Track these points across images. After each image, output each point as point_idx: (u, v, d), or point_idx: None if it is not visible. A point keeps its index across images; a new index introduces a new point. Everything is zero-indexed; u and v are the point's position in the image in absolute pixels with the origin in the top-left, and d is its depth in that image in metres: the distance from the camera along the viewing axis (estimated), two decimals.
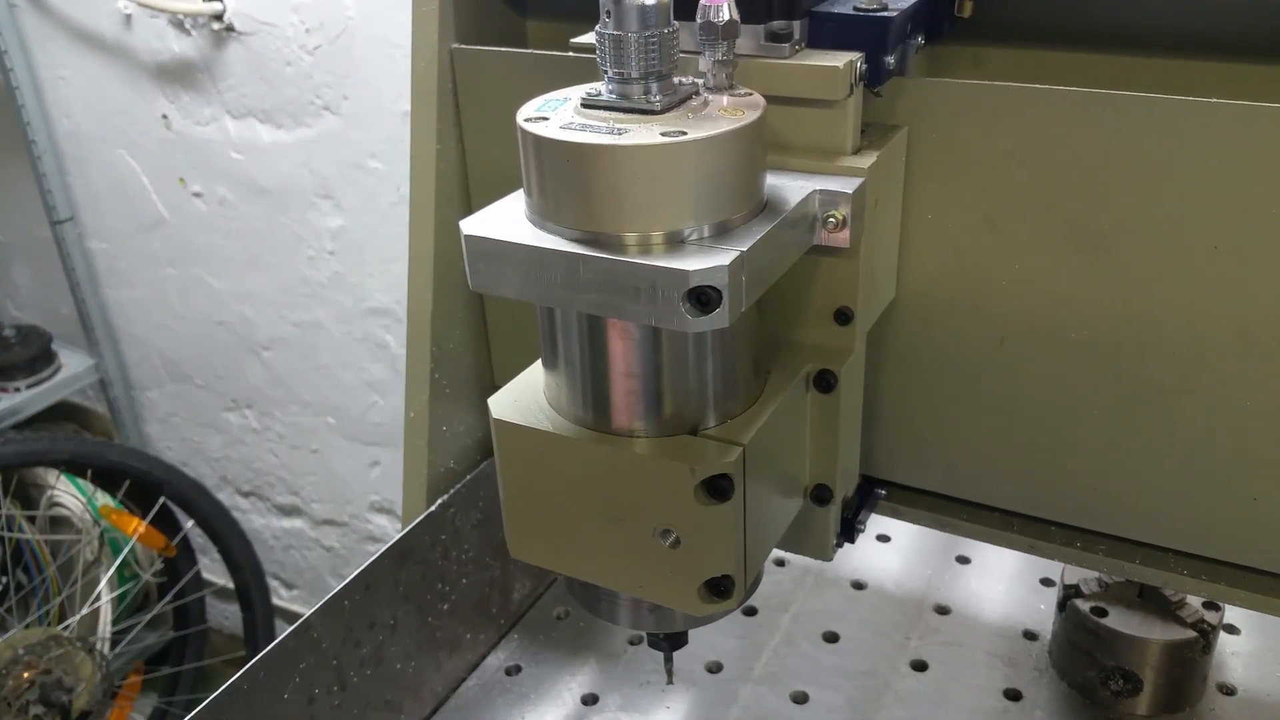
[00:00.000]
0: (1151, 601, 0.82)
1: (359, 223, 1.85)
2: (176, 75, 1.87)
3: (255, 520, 2.39)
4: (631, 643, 0.91)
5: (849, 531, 0.67)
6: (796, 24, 0.54)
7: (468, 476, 0.84)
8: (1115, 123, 0.56)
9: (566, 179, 0.46)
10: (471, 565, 0.86)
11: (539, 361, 0.57)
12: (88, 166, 2.10)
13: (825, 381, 0.58)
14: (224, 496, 2.29)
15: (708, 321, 0.45)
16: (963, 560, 1.01)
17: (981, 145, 0.59)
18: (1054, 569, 0.98)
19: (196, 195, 2.00)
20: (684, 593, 0.53)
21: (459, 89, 0.74)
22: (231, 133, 1.87)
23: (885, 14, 0.55)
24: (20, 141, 2.07)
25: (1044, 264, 0.60)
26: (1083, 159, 0.57)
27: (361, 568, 0.75)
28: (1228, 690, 0.85)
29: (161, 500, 2.06)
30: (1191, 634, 0.80)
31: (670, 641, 0.64)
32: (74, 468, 2.03)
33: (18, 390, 2.15)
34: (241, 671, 0.66)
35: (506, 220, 0.49)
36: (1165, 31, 0.61)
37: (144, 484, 2.04)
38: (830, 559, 0.66)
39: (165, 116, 1.93)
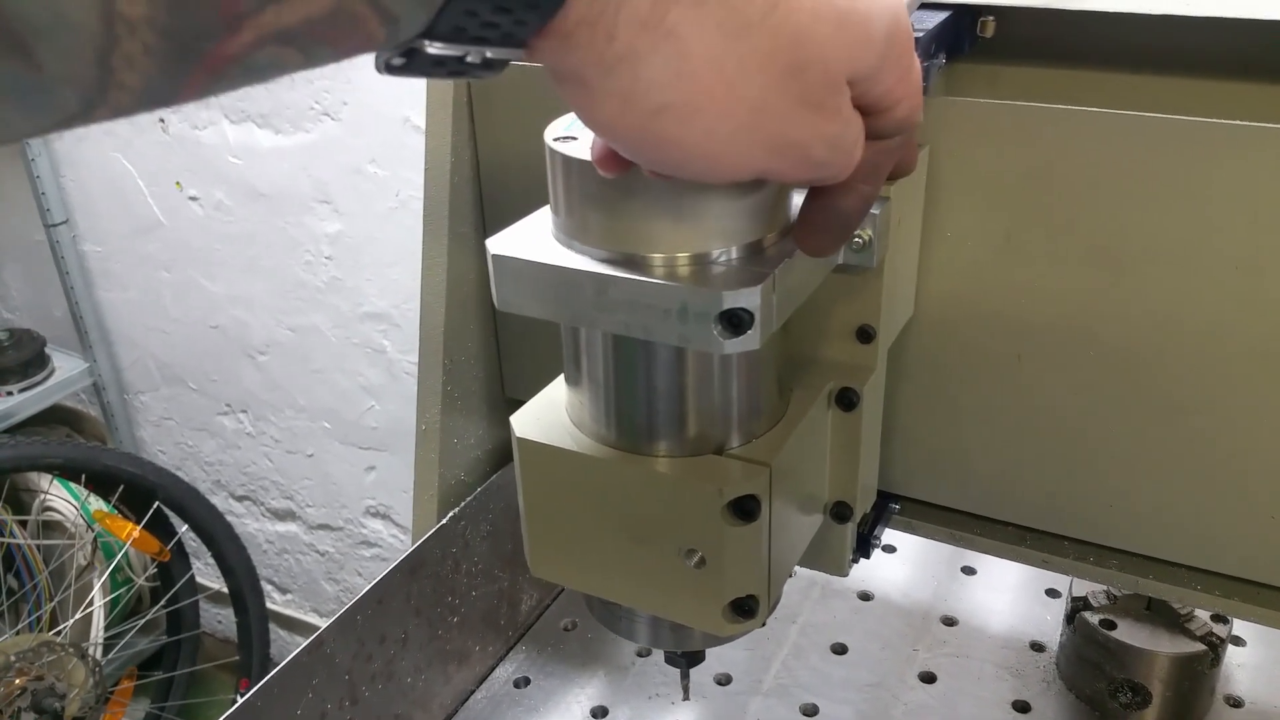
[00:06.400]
0: (1160, 614, 0.83)
1: (357, 228, 1.85)
2: None
3: (249, 525, 2.39)
4: (640, 654, 0.91)
5: (865, 547, 0.67)
6: None
7: (478, 489, 0.84)
8: (1135, 143, 0.56)
9: (597, 200, 0.46)
10: (481, 578, 0.85)
11: (561, 378, 0.57)
12: (83, 169, 2.10)
13: (847, 399, 0.58)
14: (218, 501, 2.29)
15: (739, 343, 0.44)
16: (968, 571, 1.01)
17: (1001, 164, 0.59)
18: (1059, 580, 0.98)
19: (193, 199, 2.00)
20: (709, 613, 0.53)
21: (474, 103, 0.74)
22: (229, 137, 1.87)
23: (914, 33, 0.55)
24: (14, 144, 2.06)
25: (1062, 282, 0.61)
26: (1102, 178, 0.57)
27: (374, 582, 0.74)
28: (1235, 702, 0.85)
29: (155, 505, 2.06)
30: (1200, 647, 0.80)
31: (688, 659, 0.64)
32: (67, 472, 2.02)
33: (10, 394, 2.14)
34: (256, 688, 0.66)
35: (533, 239, 0.49)
36: (1185, 52, 0.62)
37: (138, 488, 2.03)
38: (847, 574, 0.66)
39: (162, 120, 1.92)
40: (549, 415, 0.56)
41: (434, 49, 0.31)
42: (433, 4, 0.30)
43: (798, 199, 0.52)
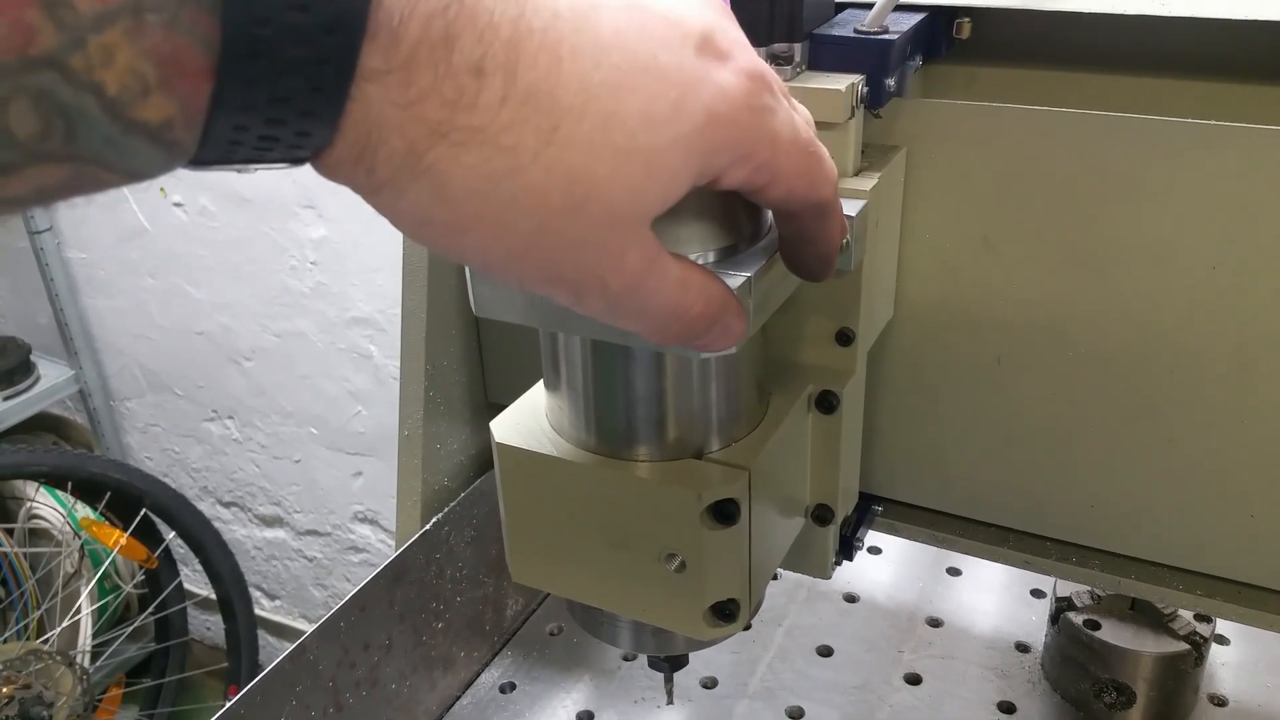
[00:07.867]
0: (1144, 614, 0.83)
1: (341, 232, 1.85)
2: None
3: (237, 531, 2.38)
4: (626, 658, 0.91)
5: (847, 549, 0.67)
6: (798, 46, 0.54)
7: (462, 494, 0.84)
8: (1111, 144, 0.56)
9: None
10: (465, 583, 0.85)
11: (540, 383, 0.57)
12: None
13: (827, 402, 0.58)
14: (205, 507, 2.28)
15: None
16: (953, 572, 1.01)
17: (979, 165, 0.59)
18: (1044, 581, 0.98)
19: (177, 205, 1.99)
20: (690, 617, 0.53)
21: None
22: None
23: (887, 36, 0.55)
24: None
25: (1041, 283, 0.61)
26: (1079, 179, 0.58)
27: (357, 588, 0.74)
28: (1219, 701, 0.85)
29: (143, 512, 2.05)
30: (1184, 646, 0.81)
31: (671, 663, 0.64)
32: (53, 480, 2.02)
33: None
34: (238, 696, 0.66)
35: None
36: (1162, 52, 0.62)
37: (125, 495, 2.03)
38: (829, 577, 0.66)
39: None
40: (529, 420, 0.56)
41: (208, 170, 0.32)
42: (184, 153, 0.30)
43: None
